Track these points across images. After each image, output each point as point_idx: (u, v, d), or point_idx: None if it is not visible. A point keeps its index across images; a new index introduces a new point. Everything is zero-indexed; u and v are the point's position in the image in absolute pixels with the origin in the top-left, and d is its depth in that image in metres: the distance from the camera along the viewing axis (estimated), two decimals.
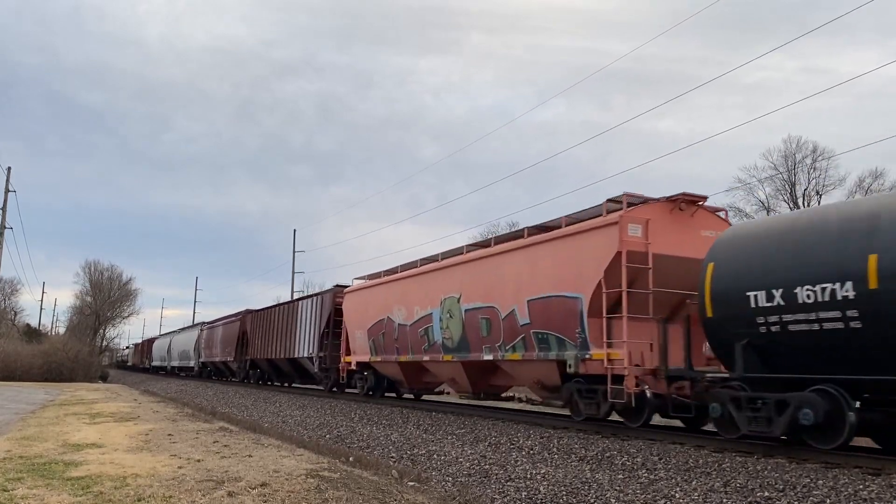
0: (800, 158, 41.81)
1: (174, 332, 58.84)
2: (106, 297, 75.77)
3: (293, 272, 53.04)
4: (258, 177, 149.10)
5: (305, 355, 24.81)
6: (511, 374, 14.56)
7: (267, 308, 31.23)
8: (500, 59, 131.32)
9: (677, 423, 12.06)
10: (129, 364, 78.71)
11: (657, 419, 12.04)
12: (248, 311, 32.83)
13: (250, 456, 9.03)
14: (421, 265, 17.86)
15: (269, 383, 32.35)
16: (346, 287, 22.61)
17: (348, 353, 21.34)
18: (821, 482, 7.32)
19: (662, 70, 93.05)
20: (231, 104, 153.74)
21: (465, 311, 14.96)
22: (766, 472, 7.96)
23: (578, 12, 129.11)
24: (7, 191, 39.74)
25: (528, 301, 12.98)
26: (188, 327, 52.55)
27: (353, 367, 20.93)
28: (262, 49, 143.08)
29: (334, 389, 23.74)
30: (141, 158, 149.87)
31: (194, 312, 78.56)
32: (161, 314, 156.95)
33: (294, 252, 53.08)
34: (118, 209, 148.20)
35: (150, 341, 66.74)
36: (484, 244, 15.73)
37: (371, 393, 20.68)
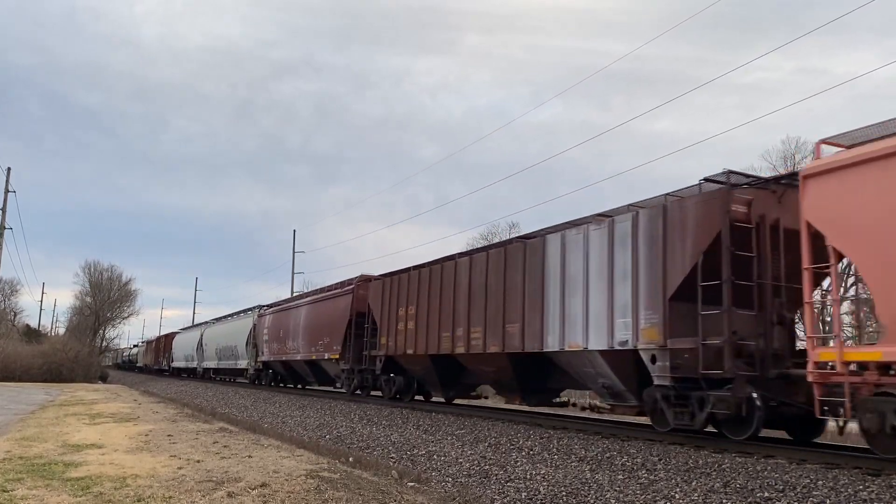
0: (799, 159, 41.84)
1: (207, 322, 47.28)
2: (106, 298, 75.67)
3: (293, 272, 52.98)
4: (256, 177, 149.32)
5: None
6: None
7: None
8: (497, 60, 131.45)
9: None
10: (140, 365, 69.28)
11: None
12: (365, 278, 21.72)
13: (250, 456, 9.03)
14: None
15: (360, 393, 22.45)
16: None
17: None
18: (821, 483, 7.32)
19: (660, 70, 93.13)
20: (228, 104, 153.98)
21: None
22: (765, 473, 7.96)
23: (575, 12, 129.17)
24: (7, 191, 39.74)
25: None
26: (233, 314, 40.46)
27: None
28: (259, 49, 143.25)
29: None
30: (139, 158, 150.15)
31: (194, 312, 78.44)
32: (161, 314, 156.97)
33: (294, 252, 53.03)
34: (117, 209, 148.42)
35: (169, 337, 56.07)
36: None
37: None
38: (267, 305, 32.39)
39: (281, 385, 30.95)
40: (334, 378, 23.57)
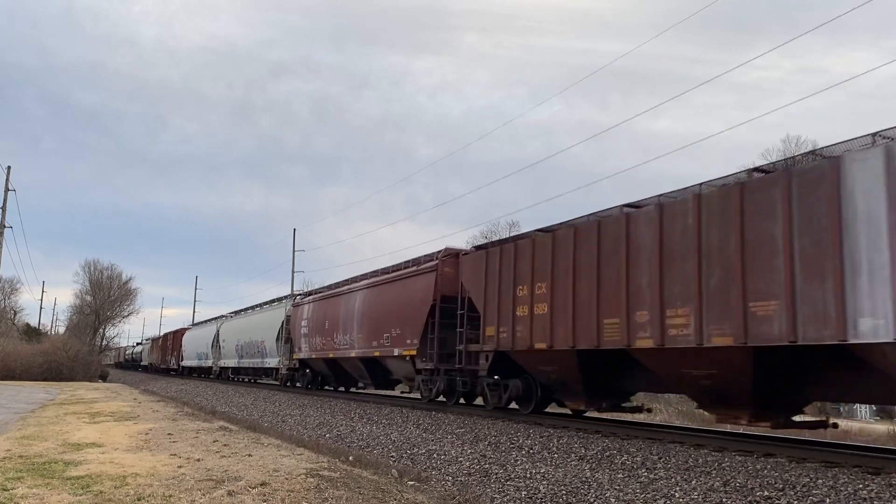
0: (799, 158, 41.79)
1: (224, 316, 41.64)
2: (106, 297, 75.64)
3: (293, 272, 52.90)
4: (255, 177, 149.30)
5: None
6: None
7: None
8: (495, 59, 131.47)
9: (677, 421, 12.00)
10: (145, 364, 64.76)
11: None
12: (451, 252, 17.14)
13: (250, 455, 9.03)
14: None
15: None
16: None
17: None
18: (820, 481, 7.32)
19: (658, 69, 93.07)
20: (226, 104, 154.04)
21: None
22: (765, 472, 7.96)
23: (573, 11, 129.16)
24: (7, 190, 39.72)
25: None
26: (259, 305, 34.77)
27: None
28: (256, 49, 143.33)
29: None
30: (137, 158, 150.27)
31: (194, 312, 78.28)
32: (161, 313, 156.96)
33: (294, 252, 52.95)
34: (116, 209, 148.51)
35: (178, 333, 51.19)
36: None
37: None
38: (303, 293, 27.67)
39: (325, 388, 25.92)
40: (404, 380, 19.28)
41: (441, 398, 16.99)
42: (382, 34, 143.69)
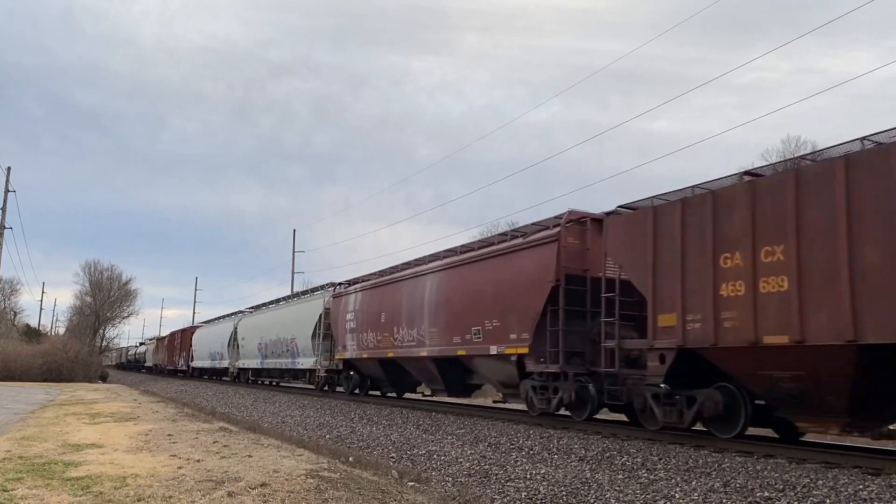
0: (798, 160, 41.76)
1: (242, 312, 37.15)
2: (106, 297, 75.65)
3: (293, 272, 52.87)
4: (255, 177, 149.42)
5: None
6: None
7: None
8: (495, 60, 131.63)
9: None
10: (149, 365, 62.04)
11: None
12: (579, 217, 13.22)
13: (250, 456, 9.03)
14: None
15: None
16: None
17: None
18: (821, 482, 7.32)
19: (657, 70, 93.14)
20: (226, 104, 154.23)
21: None
22: (765, 472, 7.96)
23: (573, 12, 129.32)
24: (7, 191, 39.73)
25: None
26: (288, 297, 30.88)
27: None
28: (256, 49, 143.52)
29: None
30: (137, 158, 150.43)
31: (194, 312, 78.31)
32: (161, 314, 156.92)
33: (294, 252, 52.91)
34: (116, 209, 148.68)
35: (187, 331, 47.55)
36: None
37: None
38: (346, 281, 23.34)
39: (373, 394, 21.79)
40: (498, 386, 15.16)
41: (564, 411, 13.05)
42: (382, 34, 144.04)
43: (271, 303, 33.23)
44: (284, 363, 27.45)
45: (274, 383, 31.71)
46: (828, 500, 6.79)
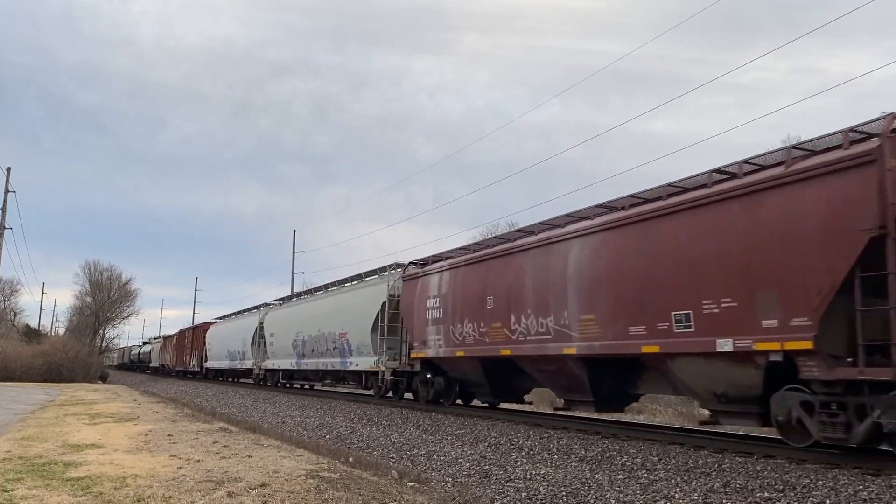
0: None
1: (270, 305, 32.67)
2: (106, 298, 75.65)
3: (293, 272, 52.77)
4: (254, 177, 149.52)
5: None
6: None
7: None
8: (495, 60, 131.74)
9: (677, 422, 11.97)
10: (155, 366, 58.46)
11: None
12: None
13: (250, 456, 9.02)
14: None
15: None
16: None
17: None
18: (821, 482, 7.32)
19: (657, 70, 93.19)
20: (226, 104, 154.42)
21: None
22: (765, 473, 7.96)
23: (573, 12, 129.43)
24: (7, 191, 39.73)
25: None
26: (343, 282, 24.31)
27: None
28: (255, 49, 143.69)
29: None
30: (137, 158, 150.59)
31: (194, 312, 78.16)
32: (161, 314, 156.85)
33: (294, 252, 52.83)
34: (116, 209, 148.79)
35: (200, 329, 43.58)
36: None
37: None
38: (420, 260, 18.13)
39: (459, 403, 17.12)
40: (711, 399, 10.03)
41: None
42: (382, 34, 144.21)
43: (306, 293, 28.98)
44: (331, 363, 22.65)
45: (309, 387, 27.88)
46: (828, 501, 6.79)
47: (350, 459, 10.30)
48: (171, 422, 14.38)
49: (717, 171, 9.84)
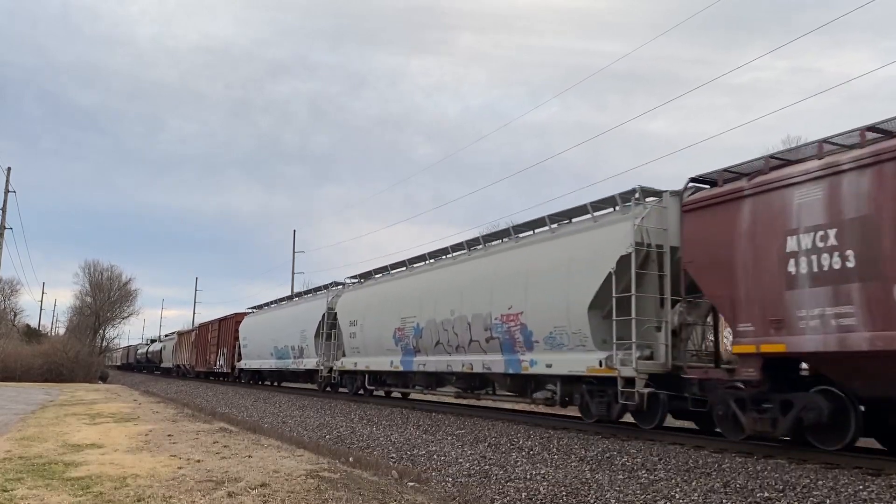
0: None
1: (341, 284, 24.70)
2: (106, 298, 75.66)
3: (293, 272, 52.64)
4: (254, 177, 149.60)
5: None
6: None
7: None
8: (493, 60, 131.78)
9: (680, 423, 12.01)
10: (167, 366, 51.74)
11: None
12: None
13: (250, 456, 9.03)
14: None
15: None
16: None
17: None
18: (821, 482, 7.32)
19: (655, 70, 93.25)
20: (224, 104, 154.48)
21: None
22: (765, 473, 7.96)
23: (571, 12, 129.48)
24: (7, 191, 39.73)
25: None
26: (536, 223, 14.10)
27: None
28: (254, 49, 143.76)
29: None
30: (136, 158, 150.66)
31: (194, 313, 78.11)
32: (161, 314, 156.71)
33: (294, 252, 52.69)
34: (116, 209, 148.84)
35: (229, 320, 35.45)
36: None
37: None
38: (732, 168, 9.87)
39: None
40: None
41: None
42: (380, 34, 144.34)
43: (417, 260, 19.06)
44: (484, 360, 14.49)
45: (454, 407, 17.63)
46: (828, 501, 6.79)
47: (350, 459, 10.30)
48: (171, 422, 14.38)
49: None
